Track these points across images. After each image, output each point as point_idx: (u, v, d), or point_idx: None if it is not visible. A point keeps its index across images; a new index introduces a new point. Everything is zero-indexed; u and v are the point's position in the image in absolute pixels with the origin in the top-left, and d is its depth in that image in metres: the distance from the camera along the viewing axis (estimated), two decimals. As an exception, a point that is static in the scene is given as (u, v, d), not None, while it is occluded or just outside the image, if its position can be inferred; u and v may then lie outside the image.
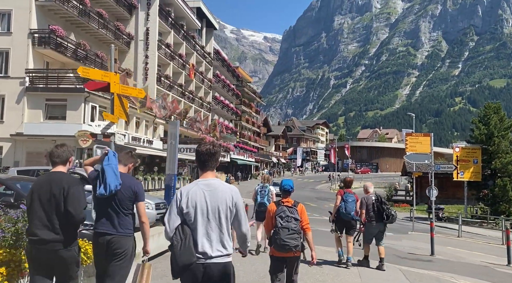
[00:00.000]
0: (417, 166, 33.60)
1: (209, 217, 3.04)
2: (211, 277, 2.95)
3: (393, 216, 7.86)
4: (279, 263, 4.86)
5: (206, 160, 3.15)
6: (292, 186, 5.30)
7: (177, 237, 2.97)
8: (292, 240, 4.70)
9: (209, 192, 3.07)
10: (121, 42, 32.25)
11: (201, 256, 2.97)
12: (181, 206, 3.05)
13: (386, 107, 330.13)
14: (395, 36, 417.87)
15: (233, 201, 3.11)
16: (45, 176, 3.73)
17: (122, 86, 6.36)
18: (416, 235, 16.85)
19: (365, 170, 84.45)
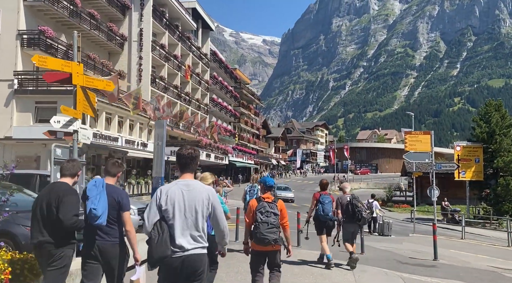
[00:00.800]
0: (417, 166, 32.99)
1: (186, 215, 3.29)
2: (188, 267, 3.23)
3: (364, 218, 7.94)
4: (259, 257, 5.06)
5: (187, 163, 3.44)
6: (274, 183, 5.60)
7: (155, 231, 3.22)
8: (271, 234, 4.89)
9: (187, 191, 3.34)
10: (114, 43, 31.66)
11: (179, 250, 3.23)
12: (160, 203, 3.31)
13: (385, 109, 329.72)
14: (393, 37, 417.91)
15: (210, 200, 3.37)
16: (50, 185, 4.21)
17: (86, 77, 5.73)
18: (417, 237, 16.20)
19: (365, 170, 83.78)
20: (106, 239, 4.03)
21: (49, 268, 3.88)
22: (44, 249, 3.85)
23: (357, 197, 8.28)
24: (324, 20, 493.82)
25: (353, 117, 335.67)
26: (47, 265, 3.88)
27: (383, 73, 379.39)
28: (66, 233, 3.90)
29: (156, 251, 3.18)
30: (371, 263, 8.99)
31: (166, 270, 3.27)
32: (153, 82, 33.67)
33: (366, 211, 8.04)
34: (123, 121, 29.23)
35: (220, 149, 42.61)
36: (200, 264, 3.28)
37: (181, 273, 3.24)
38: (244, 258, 7.42)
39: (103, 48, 31.78)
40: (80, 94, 5.54)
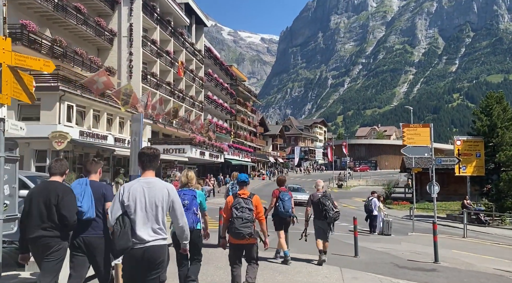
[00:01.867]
0: (416, 161, 32.14)
1: (147, 210, 3.52)
2: (149, 258, 3.46)
3: (331, 217, 7.98)
4: (236, 250, 5.37)
5: (148, 161, 3.68)
6: (247, 178, 5.72)
7: (117, 225, 3.44)
8: (246, 228, 5.16)
9: (148, 188, 3.55)
10: (103, 39, 30.71)
11: (140, 242, 3.45)
12: (122, 199, 3.54)
13: (384, 105, 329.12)
14: (392, 34, 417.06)
15: (169, 196, 3.61)
16: (43, 183, 4.44)
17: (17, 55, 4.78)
18: (416, 237, 15.28)
19: (364, 167, 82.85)
20: (92, 232, 4.33)
21: (47, 260, 4.12)
22: (42, 242, 4.09)
23: (328, 195, 8.30)
24: (322, 17, 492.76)
25: (352, 114, 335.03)
26: (44, 257, 4.11)
27: (382, 70, 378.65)
28: (64, 227, 4.15)
29: (118, 243, 3.42)
30: (365, 268, 8.10)
31: (129, 260, 3.51)
32: (144, 78, 32.73)
33: (333, 209, 8.01)
34: (112, 119, 28.29)
35: (215, 146, 41.67)
36: (159, 255, 3.52)
37: (142, 263, 3.48)
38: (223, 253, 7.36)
39: (92, 44, 30.84)
40: (8, 75, 4.60)
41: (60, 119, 22.34)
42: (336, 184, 51.49)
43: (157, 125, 34.48)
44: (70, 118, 23.41)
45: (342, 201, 34.25)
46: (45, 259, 4.12)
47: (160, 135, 36.53)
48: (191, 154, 33.46)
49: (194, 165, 43.64)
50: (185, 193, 5.47)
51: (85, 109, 25.28)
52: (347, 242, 11.49)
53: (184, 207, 5.05)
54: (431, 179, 15.74)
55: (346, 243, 11.45)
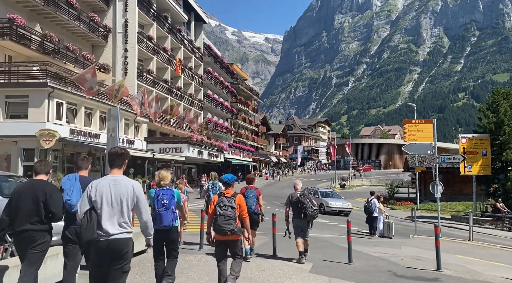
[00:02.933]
0: (420, 160, 31.19)
1: (113, 205, 3.78)
2: (114, 250, 3.71)
3: (310, 215, 8.14)
4: (221, 245, 5.66)
5: (114, 159, 3.96)
6: (231, 178, 6.03)
7: (85, 219, 3.72)
8: (228, 225, 5.47)
9: (114, 185, 3.81)
10: (97, 35, 29.94)
11: (105, 234, 3.71)
12: (90, 195, 3.81)
13: (388, 105, 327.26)
14: (396, 33, 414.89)
15: (134, 193, 3.85)
16: (29, 182, 4.80)
17: None
18: (419, 240, 14.32)
19: (368, 167, 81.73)
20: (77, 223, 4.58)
21: (32, 251, 4.36)
22: (28, 235, 4.35)
23: (307, 194, 8.49)
24: (327, 17, 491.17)
25: (357, 114, 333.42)
26: (29, 249, 4.35)
27: (387, 70, 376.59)
28: (48, 223, 4.48)
29: (84, 235, 3.67)
30: (358, 278, 7.20)
31: (95, 251, 3.72)
32: (140, 76, 31.93)
33: (312, 207, 8.18)
34: (105, 117, 27.43)
35: (215, 145, 40.79)
36: (124, 247, 3.73)
37: (107, 254, 3.69)
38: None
39: (86, 40, 30.07)
40: None
41: (49, 117, 21.53)
42: (339, 184, 50.50)
43: (154, 124, 33.66)
44: (60, 116, 22.61)
45: (343, 201, 33.34)
46: (30, 251, 4.35)
47: (157, 134, 35.71)
48: (188, 153, 32.62)
49: (193, 165, 42.89)
50: (163, 193, 5.67)
51: (77, 107, 24.48)
52: (343, 246, 10.55)
53: (163, 206, 5.52)
54: (434, 178, 14.80)
55: (342, 248, 10.53)
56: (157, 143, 32.71)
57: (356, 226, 18.40)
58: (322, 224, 18.54)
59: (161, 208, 5.52)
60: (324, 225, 18.16)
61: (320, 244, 11.48)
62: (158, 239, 5.47)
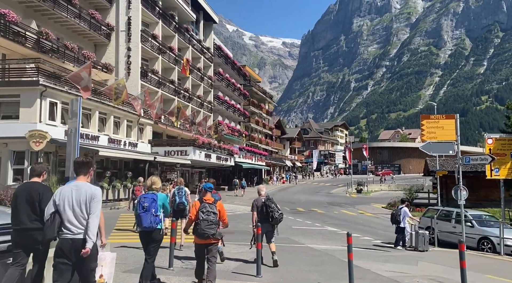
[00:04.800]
0: (441, 163, 28.98)
1: (74, 207, 4.29)
2: (77, 247, 4.19)
3: (276, 219, 8.27)
4: (201, 248, 6.10)
5: (78, 167, 4.55)
6: (212, 186, 6.53)
7: (48, 221, 4.28)
8: (210, 229, 5.92)
9: (76, 190, 4.36)
10: (99, 33, 28.87)
11: (69, 233, 4.25)
12: (54, 199, 4.38)
13: (409, 109, 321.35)
14: (416, 36, 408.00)
15: (92, 197, 4.33)
16: (25, 184, 5.25)
17: None
18: (439, 254, 12.38)
19: (387, 171, 78.92)
20: None
21: (35, 248, 4.80)
22: (28, 234, 4.77)
23: (272, 198, 8.53)
24: (345, 20, 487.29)
25: (376, 118, 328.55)
26: (32, 247, 4.80)
27: (407, 73, 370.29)
28: None
29: (46, 233, 4.29)
30: None
31: (61, 247, 4.25)
32: (144, 76, 30.70)
33: (278, 211, 8.32)
34: (106, 118, 26.21)
35: (224, 149, 39.26)
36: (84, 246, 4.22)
37: (72, 250, 4.21)
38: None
39: (87, 39, 29.04)
40: None
41: (41, 117, 20.33)
42: (355, 189, 48.32)
43: (159, 126, 32.38)
44: (53, 116, 21.41)
45: (359, 207, 31.37)
46: (36, 249, 4.77)
47: (164, 137, 34.41)
48: (194, 156, 31.15)
49: (203, 169, 41.43)
50: (145, 197, 6.04)
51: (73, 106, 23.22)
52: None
53: (143, 209, 5.85)
54: (458, 182, 12.88)
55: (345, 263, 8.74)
56: (162, 145, 31.36)
57: (369, 235, 16.52)
58: (329, 232, 16.71)
59: (141, 210, 5.89)
60: (332, 233, 16.33)
61: (320, 259, 9.74)
62: (142, 239, 6.06)
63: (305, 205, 31.28)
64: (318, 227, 18.40)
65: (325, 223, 20.16)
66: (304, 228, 17.67)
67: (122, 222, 16.08)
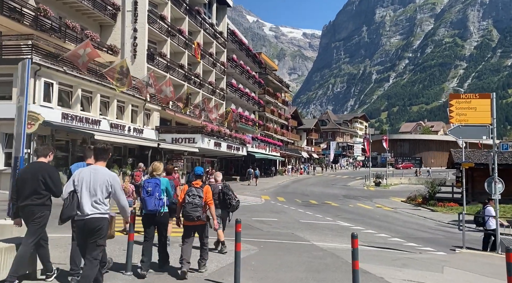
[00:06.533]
0: (467, 155, 26.78)
1: (90, 190, 4.55)
2: (89, 227, 4.49)
3: (233, 206, 8.37)
4: (188, 230, 6.39)
5: (100, 153, 4.82)
6: (203, 172, 6.82)
7: (68, 199, 4.53)
8: (195, 212, 6.22)
9: (94, 173, 4.62)
10: (104, 13, 27.50)
11: (82, 214, 4.50)
12: (73, 179, 4.65)
13: (431, 101, 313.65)
14: (441, 27, 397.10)
15: (110, 182, 4.64)
16: (32, 164, 5.44)
17: None
18: (468, 257, 10.50)
19: (407, 164, 76.24)
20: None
21: (31, 224, 5.00)
22: (28, 210, 4.98)
23: (228, 185, 8.61)
24: (367, 10, 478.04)
25: (398, 110, 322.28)
26: (29, 222, 5.00)
27: (430, 65, 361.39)
28: (47, 199, 5.09)
29: (65, 212, 4.49)
30: None
31: (76, 228, 4.65)
32: (151, 59, 29.25)
33: (235, 199, 8.42)
34: (109, 102, 24.89)
35: (235, 137, 37.68)
36: (97, 224, 4.51)
37: (85, 230, 4.53)
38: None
39: (92, 19, 27.73)
40: None
41: (34, 98, 19.08)
42: (374, 182, 46.19)
43: (168, 112, 30.98)
44: (49, 98, 20.15)
45: (376, 201, 29.43)
46: (31, 223, 5.00)
47: (172, 124, 33.03)
48: (202, 145, 29.66)
49: (214, 158, 39.97)
50: (149, 182, 6.29)
51: (72, 89, 21.97)
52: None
53: (147, 193, 6.16)
54: (492, 173, 10.98)
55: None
56: (169, 132, 29.97)
57: (386, 232, 14.70)
58: (340, 228, 14.96)
59: (145, 194, 6.14)
60: (344, 229, 14.58)
61: (324, 262, 8.06)
62: (147, 222, 6.29)
63: (319, 197, 29.49)
64: (329, 222, 16.67)
65: (338, 217, 18.41)
66: (313, 222, 15.97)
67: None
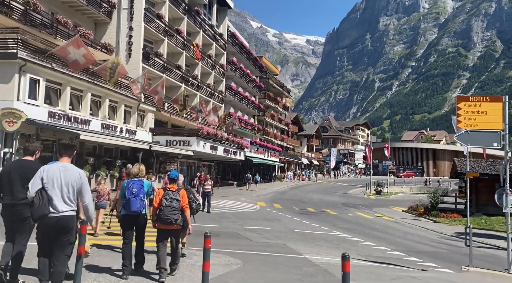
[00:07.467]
0: (471, 164, 25.75)
1: (62, 187, 4.53)
2: (61, 224, 4.46)
3: (193, 209, 8.08)
4: (163, 234, 6.38)
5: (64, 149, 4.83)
6: (177, 175, 6.76)
7: (37, 198, 4.40)
8: (173, 215, 6.24)
9: (64, 171, 4.61)
10: (99, 10, 26.66)
11: (54, 211, 4.46)
12: (42, 177, 4.53)
13: (434, 111, 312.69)
14: (445, 36, 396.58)
15: (80, 179, 4.66)
16: (19, 161, 5.54)
17: None
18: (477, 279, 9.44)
19: (409, 173, 75.12)
20: None
21: (25, 223, 4.95)
22: (17, 210, 4.92)
23: (190, 188, 8.53)
24: (371, 19, 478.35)
25: (400, 119, 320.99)
26: (19, 222, 4.95)
27: (433, 74, 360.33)
28: None
29: (37, 211, 4.38)
30: None
31: (44, 226, 4.49)
32: (147, 58, 28.37)
33: (196, 202, 8.36)
34: (100, 102, 23.97)
35: (233, 141, 36.72)
36: (69, 222, 4.54)
37: (55, 228, 4.46)
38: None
39: (87, 16, 26.90)
40: None
41: (19, 95, 18.17)
42: (374, 190, 45.14)
43: (163, 114, 30.06)
44: (35, 95, 19.23)
45: (376, 210, 28.40)
46: (23, 223, 4.95)
47: (168, 126, 32.10)
48: (197, 148, 28.70)
49: (211, 162, 38.99)
50: (134, 183, 6.37)
51: (61, 87, 21.06)
52: None
53: (133, 194, 6.24)
54: (503, 184, 9.98)
55: None
56: (164, 134, 29.03)
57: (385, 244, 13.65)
58: (337, 239, 13.93)
59: (130, 195, 6.23)
60: (340, 240, 13.56)
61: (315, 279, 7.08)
62: (128, 224, 6.36)
63: (317, 205, 28.49)
64: (325, 232, 15.66)
65: (335, 227, 17.39)
66: (308, 232, 14.97)
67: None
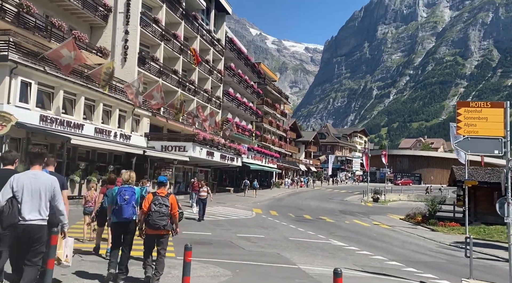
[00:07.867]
0: (470, 172, 25.44)
1: (32, 195, 4.41)
2: (29, 233, 4.30)
3: None
4: (151, 238, 6.37)
5: (34, 157, 4.72)
6: (166, 180, 6.81)
7: (7, 206, 4.27)
8: (161, 220, 6.21)
9: (34, 179, 4.49)
10: (95, 14, 26.41)
11: (22, 220, 4.31)
12: (12, 185, 4.39)
13: (431, 119, 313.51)
14: (442, 45, 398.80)
15: (52, 186, 4.55)
16: (1, 170, 5.16)
17: None
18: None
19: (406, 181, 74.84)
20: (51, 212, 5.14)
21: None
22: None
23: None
24: (369, 27, 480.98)
25: (398, 127, 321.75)
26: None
27: (431, 82, 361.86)
28: None
29: (7, 219, 4.23)
30: None
31: (13, 234, 4.27)
32: (143, 62, 28.09)
33: (179, 209, 7.49)
34: (94, 106, 23.63)
35: (230, 147, 36.36)
36: (37, 231, 4.37)
37: (23, 238, 4.30)
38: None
39: (82, 20, 26.63)
40: None
41: (9, 97, 17.81)
42: (372, 197, 44.75)
43: (159, 118, 29.72)
44: (26, 98, 18.88)
45: (373, 217, 28.01)
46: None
47: (164, 131, 31.75)
48: (193, 153, 28.35)
49: (208, 168, 38.61)
50: (125, 189, 6.38)
51: (54, 91, 20.71)
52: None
53: (125, 201, 6.24)
54: (504, 193, 9.65)
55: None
56: (159, 139, 28.67)
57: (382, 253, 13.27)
58: (333, 247, 13.55)
59: (123, 202, 6.23)
60: (336, 249, 13.18)
61: None
62: (118, 231, 6.38)
63: (314, 212, 28.09)
64: (321, 240, 15.27)
65: (331, 235, 17.01)
66: (304, 241, 14.58)
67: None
